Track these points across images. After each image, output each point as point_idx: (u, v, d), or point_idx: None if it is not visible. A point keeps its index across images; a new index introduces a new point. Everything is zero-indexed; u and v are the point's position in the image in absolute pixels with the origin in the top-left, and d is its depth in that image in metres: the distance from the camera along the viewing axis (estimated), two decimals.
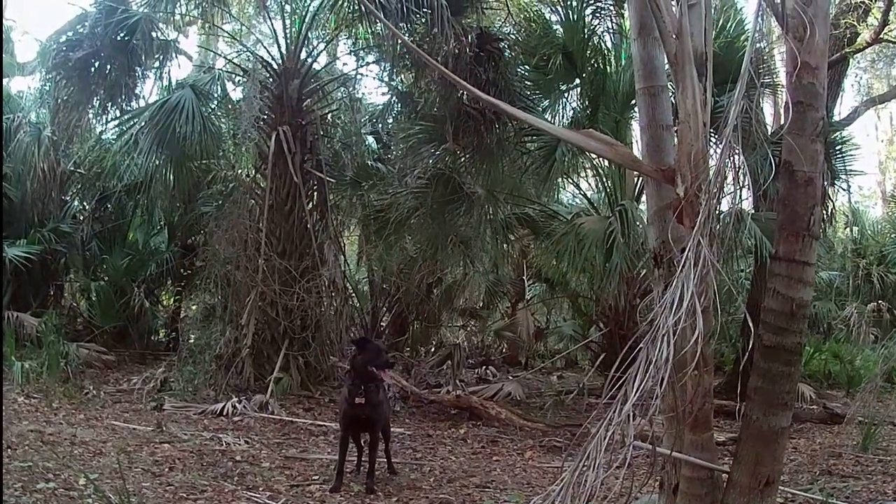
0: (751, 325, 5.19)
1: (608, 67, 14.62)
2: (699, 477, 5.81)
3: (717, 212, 5.17)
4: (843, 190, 16.81)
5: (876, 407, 13.12)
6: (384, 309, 18.99)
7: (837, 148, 14.59)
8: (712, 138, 6.71)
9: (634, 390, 4.25)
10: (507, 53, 13.90)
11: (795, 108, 5.48)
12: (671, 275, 4.93)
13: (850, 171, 15.19)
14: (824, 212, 13.88)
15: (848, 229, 25.73)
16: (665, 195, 5.84)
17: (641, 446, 4.89)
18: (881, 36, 17.45)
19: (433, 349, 19.73)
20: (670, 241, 5.37)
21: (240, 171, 16.57)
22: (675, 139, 5.83)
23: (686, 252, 4.66)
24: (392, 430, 11.56)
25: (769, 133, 12.48)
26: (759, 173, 7.66)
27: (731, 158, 5.11)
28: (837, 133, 15.13)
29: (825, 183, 13.80)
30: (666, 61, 5.97)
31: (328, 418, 12.37)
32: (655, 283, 5.80)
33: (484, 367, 18.72)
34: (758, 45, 8.59)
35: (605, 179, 15.72)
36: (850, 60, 19.13)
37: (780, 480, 6.43)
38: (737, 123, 4.99)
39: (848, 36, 16.76)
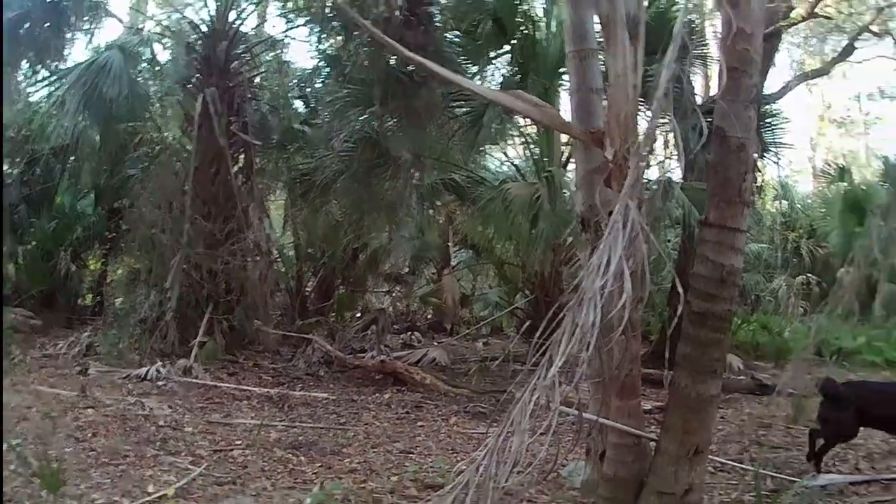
0: (680, 292, 5.14)
1: (538, 34, 14.63)
2: (626, 444, 5.82)
3: (645, 176, 5.13)
4: (774, 163, 16.89)
5: (806, 379, 13.25)
6: (309, 273, 18.87)
7: (767, 121, 14.65)
8: (643, 105, 6.65)
9: (559, 355, 4.19)
10: (437, 18, 13.77)
11: (730, 74, 5.43)
12: (598, 239, 4.87)
13: (780, 143, 15.27)
14: (754, 184, 13.94)
15: (777, 202, 25.98)
16: (594, 158, 5.79)
17: (567, 412, 4.85)
18: (815, 11, 17.59)
19: (359, 314, 19.66)
20: (598, 205, 5.33)
21: (166, 133, 16.35)
22: (605, 103, 5.79)
23: (614, 214, 4.60)
24: (316, 394, 11.63)
25: (699, 103, 12.50)
26: (688, 142, 7.62)
27: (662, 121, 5.07)
28: (768, 106, 15.20)
29: (755, 155, 13.88)
30: (598, 25, 5.93)
31: (252, 383, 12.30)
32: (582, 248, 5.76)
33: (409, 332, 18.70)
34: (690, 16, 8.58)
35: (532, 147, 15.73)
36: (783, 35, 19.24)
37: (710, 450, 6.43)
38: (668, 87, 4.94)
39: (783, 10, 16.84)
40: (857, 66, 32.89)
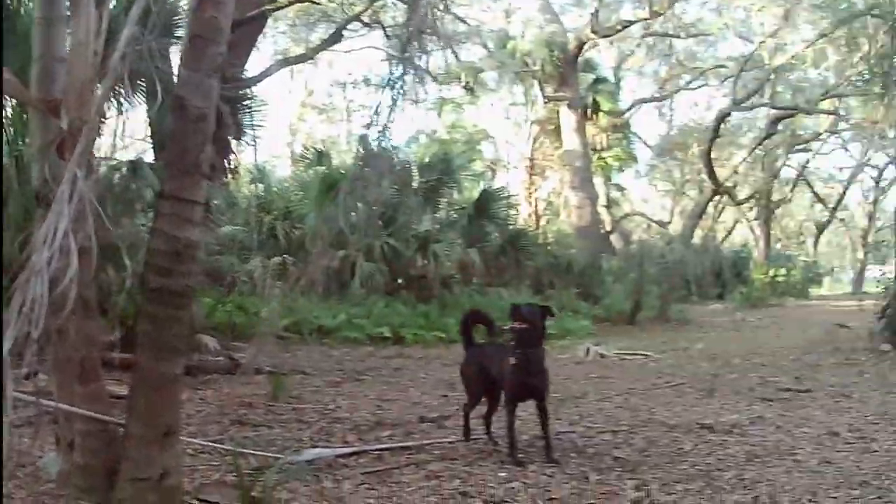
0: (134, 270, 4.98)
1: (23, 8, 13.97)
2: (93, 430, 5.57)
3: (112, 155, 4.93)
4: (250, 146, 17.04)
5: (284, 357, 13.43)
6: None
7: (246, 104, 14.76)
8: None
9: (7, 337, 3.88)
10: None
11: (194, 42, 5.35)
12: None
13: (258, 126, 15.44)
14: (228, 165, 13.99)
15: (254, 185, 26.35)
16: (51, 130, 5.48)
17: (23, 399, 4.54)
18: None
19: None
20: (50, 178, 5.03)
21: None
22: None
23: (61, 185, 4.33)
24: None
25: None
26: (162, 122, 7.42)
27: (121, 88, 4.88)
28: (247, 90, 15.32)
29: (232, 138, 13.90)
30: None
31: None
32: (38, 225, 5.46)
33: None
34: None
35: (7, 128, 15.03)
36: (270, 20, 19.48)
37: (189, 432, 6.31)
38: (126, 51, 4.73)
39: None
40: (344, 55, 34.33)
